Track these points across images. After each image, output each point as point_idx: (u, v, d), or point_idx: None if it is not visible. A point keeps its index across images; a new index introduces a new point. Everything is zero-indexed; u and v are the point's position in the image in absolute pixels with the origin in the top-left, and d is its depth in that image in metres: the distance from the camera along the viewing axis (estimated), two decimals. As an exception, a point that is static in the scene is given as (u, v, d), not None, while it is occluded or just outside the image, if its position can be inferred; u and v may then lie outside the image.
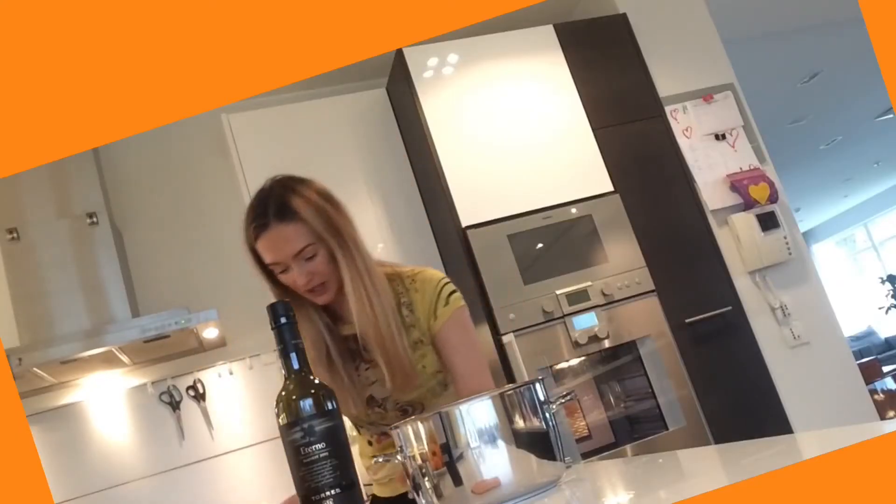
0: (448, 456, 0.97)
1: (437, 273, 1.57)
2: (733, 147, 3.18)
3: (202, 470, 3.00)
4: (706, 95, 3.22)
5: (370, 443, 1.61)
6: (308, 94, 3.35)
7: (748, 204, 3.06)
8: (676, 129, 3.13)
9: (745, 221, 3.03)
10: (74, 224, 2.87)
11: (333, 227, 1.47)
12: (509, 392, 1.01)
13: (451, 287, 1.54)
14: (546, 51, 3.10)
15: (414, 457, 1.01)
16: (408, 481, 1.05)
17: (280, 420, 0.99)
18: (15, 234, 2.80)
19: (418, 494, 1.03)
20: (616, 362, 2.91)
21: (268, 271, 1.50)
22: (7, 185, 2.85)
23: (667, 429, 2.75)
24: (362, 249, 1.51)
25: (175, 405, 3.03)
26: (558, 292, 2.76)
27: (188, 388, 3.06)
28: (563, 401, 1.09)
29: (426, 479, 0.99)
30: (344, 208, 1.54)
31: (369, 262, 1.50)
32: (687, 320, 2.84)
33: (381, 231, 3.12)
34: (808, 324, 3.03)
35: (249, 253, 1.53)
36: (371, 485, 1.67)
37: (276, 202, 1.46)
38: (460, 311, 1.52)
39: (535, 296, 2.75)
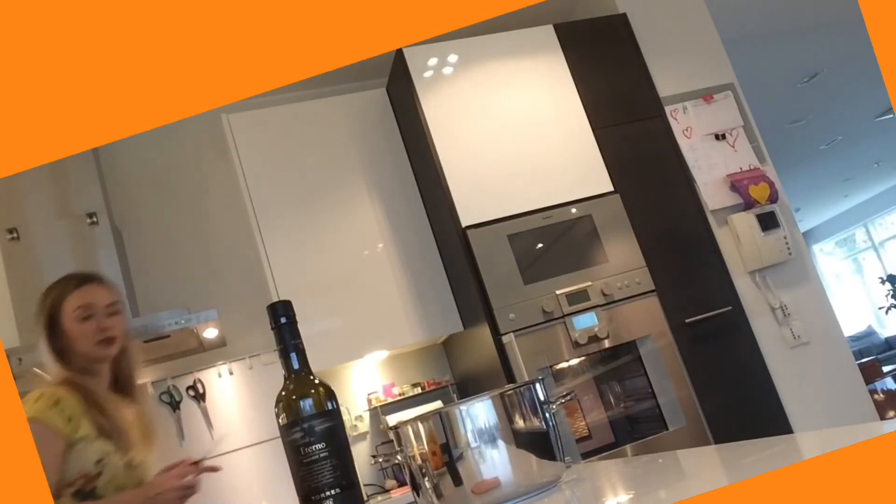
0: (448, 456, 0.97)
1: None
2: (733, 147, 3.18)
3: (202, 470, 2.99)
4: (706, 95, 3.22)
5: None
6: (308, 94, 3.35)
7: (748, 204, 3.06)
8: (676, 129, 3.13)
9: (745, 221, 3.03)
10: (74, 224, 2.87)
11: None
12: (509, 392, 1.01)
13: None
14: (546, 51, 3.10)
15: (414, 457, 1.01)
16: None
17: (280, 420, 0.98)
18: (15, 234, 2.80)
19: (418, 494, 1.02)
20: (616, 362, 2.91)
21: (53, 334, 1.79)
22: (7, 185, 2.85)
23: (667, 429, 2.75)
24: None
25: (175, 405, 3.03)
26: (558, 292, 2.76)
27: (188, 388, 3.06)
28: (563, 401, 1.09)
29: (426, 479, 0.99)
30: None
31: None
32: (687, 320, 2.84)
33: (381, 231, 3.12)
34: (808, 324, 3.03)
35: (46, 314, 1.81)
36: None
37: (97, 273, 1.94)
38: None
39: (535, 296, 2.75)
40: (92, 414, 1.67)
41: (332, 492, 0.94)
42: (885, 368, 6.99)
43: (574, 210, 2.90)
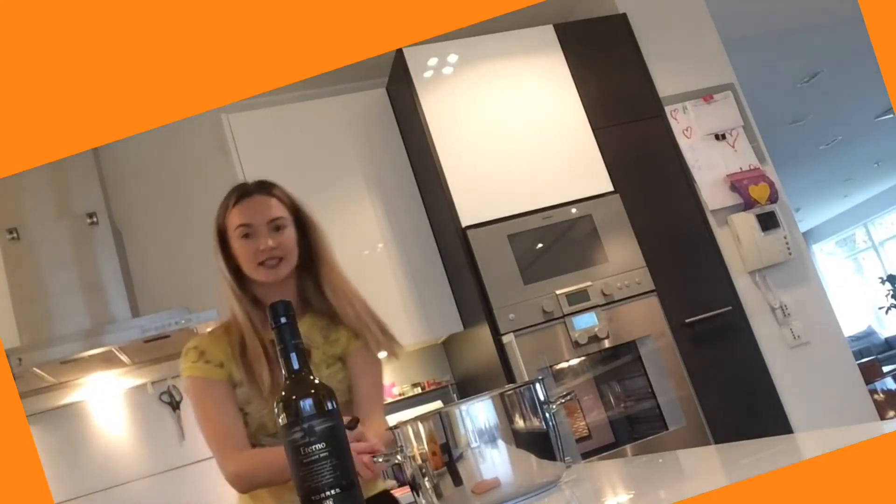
0: (448, 456, 0.97)
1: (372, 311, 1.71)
2: (733, 147, 3.18)
3: (202, 470, 2.99)
4: (706, 95, 3.22)
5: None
6: (308, 94, 3.35)
7: (748, 204, 3.06)
8: (676, 129, 3.13)
9: (745, 221, 3.03)
10: (74, 224, 2.87)
11: (306, 212, 1.65)
12: (509, 392, 1.01)
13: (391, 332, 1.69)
14: (546, 51, 3.10)
15: (414, 457, 1.01)
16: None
17: (280, 420, 0.98)
18: (15, 234, 2.80)
19: (418, 494, 1.03)
20: (616, 362, 2.91)
21: (225, 246, 1.59)
22: (7, 185, 2.85)
23: (667, 429, 2.75)
24: (329, 244, 1.66)
25: (175, 405, 3.03)
26: (558, 292, 2.76)
27: (188, 388, 3.06)
28: (563, 401, 1.09)
29: (426, 479, 0.99)
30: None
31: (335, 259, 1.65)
32: (687, 320, 2.84)
33: (382, 231, 3.12)
34: (808, 324, 3.03)
35: (215, 230, 1.61)
36: None
37: (259, 182, 1.63)
38: (363, 348, 1.64)
39: (535, 296, 2.75)
40: (241, 359, 1.53)
41: (332, 492, 0.94)
42: (885, 368, 6.99)
43: (574, 210, 2.90)
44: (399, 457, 1.04)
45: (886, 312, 10.62)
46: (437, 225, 3.12)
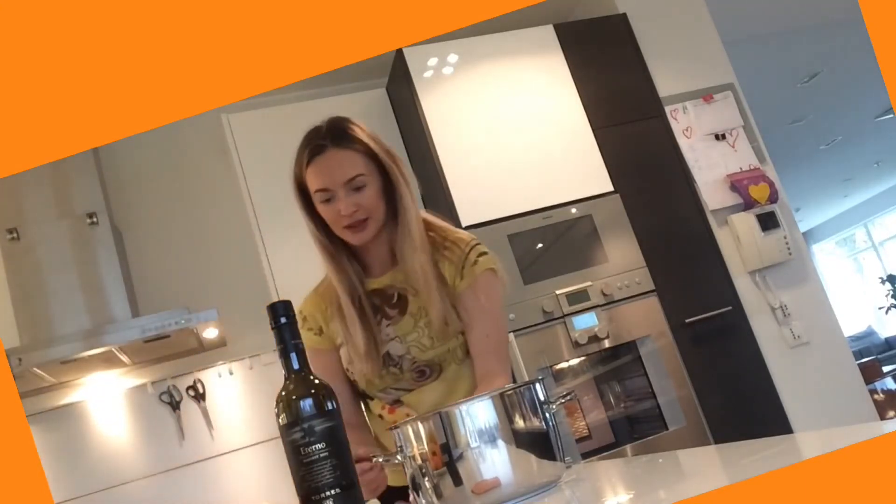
0: (448, 456, 0.97)
1: (467, 235, 1.52)
2: (733, 147, 3.18)
3: (202, 470, 3.00)
4: (706, 95, 3.22)
5: (381, 416, 1.52)
6: (308, 94, 3.35)
7: (748, 204, 3.06)
8: (676, 129, 3.13)
9: (745, 221, 3.03)
10: (74, 224, 2.87)
11: (389, 157, 1.45)
12: (509, 392, 1.00)
13: (481, 249, 1.49)
14: (546, 51, 3.10)
15: (414, 457, 1.01)
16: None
17: (280, 420, 0.98)
18: (15, 234, 2.80)
19: (418, 494, 1.03)
20: (616, 362, 2.91)
21: (310, 206, 1.47)
22: (7, 185, 2.85)
23: (667, 429, 2.75)
24: (413, 191, 1.48)
25: (175, 405, 3.03)
26: (558, 292, 2.76)
27: (188, 388, 3.06)
28: (563, 401, 1.09)
29: (426, 479, 0.99)
30: (396, 151, 1.51)
31: (417, 206, 1.48)
32: (687, 320, 2.84)
33: (381, 231, 3.12)
34: (808, 324, 3.03)
35: (294, 185, 1.49)
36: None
37: (335, 129, 1.45)
38: (486, 277, 1.46)
39: (535, 296, 2.75)
40: (339, 319, 1.49)
41: (332, 492, 0.94)
42: (885, 368, 6.99)
43: (574, 210, 2.90)
44: (399, 457, 1.04)
45: (886, 312, 10.62)
46: (437, 225, 3.11)
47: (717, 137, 3.17)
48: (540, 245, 2.86)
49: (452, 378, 1.48)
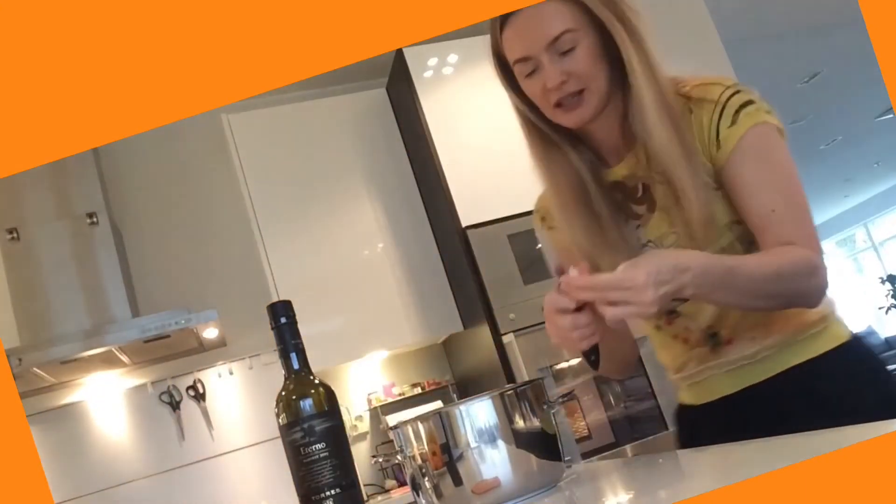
0: (448, 456, 0.97)
1: (721, 82, 1.13)
2: (733, 147, 3.18)
3: (202, 470, 3.00)
4: (706, 95, 3.22)
5: (659, 328, 1.27)
6: (308, 94, 3.35)
7: (748, 204, 3.05)
8: (676, 129, 3.13)
9: (745, 221, 3.02)
10: (74, 224, 2.87)
11: (610, 3, 1.10)
12: (509, 392, 1.01)
13: (743, 98, 1.09)
14: (546, 51, 3.09)
15: (414, 457, 1.01)
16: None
17: (280, 420, 0.99)
18: (15, 234, 2.80)
19: (418, 494, 1.03)
20: (616, 362, 2.91)
21: (514, 84, 1.18)
22: (7, 185, 2.85)
23: (667, 429, 2.74)
24: (650, 44, 1.14)
25: (175, 405, 3.03)
26: (558, 292, 2.76)
27: (188, 388, 3.06)
28: (563, 401, 1.09)
29: (426, 479, 0.99)
30: None
31: (658, 63, 1.14)
32: (687, 320, 2.84)
33: (381, 231, 3.12)
34: (808, 324, 3.02)
35: (494, 60, 1.21)
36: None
37: None
38: (757, 132, 1.08)
39: (535, 296, 2.75)
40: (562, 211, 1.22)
41: (332, 492, 0.94)
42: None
43: (574, 210, 2.90)
44: (399, 457, 1.04)
45: (886, 312, 10.62)
46: (437, 225, 3.11)
47: (717, 137, 3.17)
48: (540, 245, 2.86)
49: None
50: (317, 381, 1.01)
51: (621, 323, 0.94)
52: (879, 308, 10.81)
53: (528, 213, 1.28)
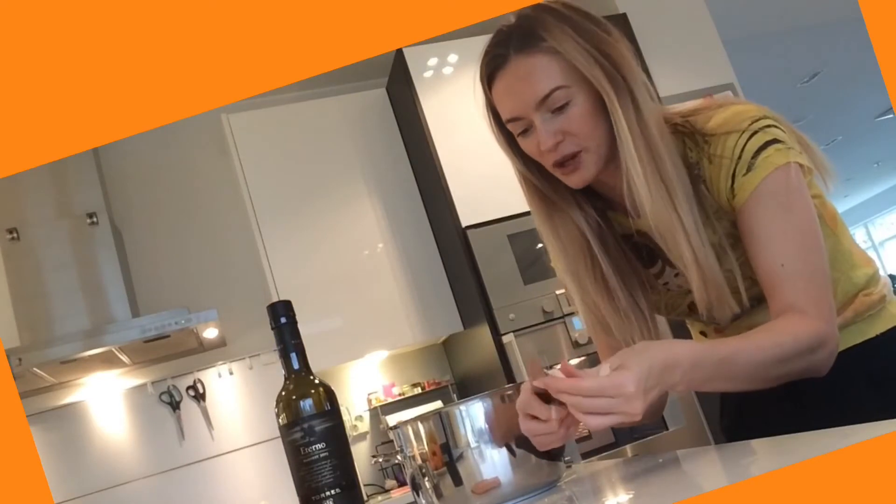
0: (448, 456, 0.97)
1: (737, 127, 0.99)
2: (733, 147, 3.18)
3: (202, 470, 3.00)
4: (706, 95, 3.22)
5: (705, 334, 1.23)
6: (308, 94, 3.35)
7: (748, 204, 3.06)
8: (676, 129, 3.13)
9: (745, 221, 3.02)
10: (74, 224, 2.87)
11: (603, 56, 0.98)
12: (509, 392, 1.00)
13: (762, 139, 0.97)
14: (546, 51, 3.09)
15: (414, 457, 1.01)
16: None
17: (280, 420, 0.99)
18: (15, 234, 2.80)
19: (418, 494, 1.03)
20: (616, 362, 2.91)
21: (512, 142, 1.13)
22: (7, 185, 2.86)
23: (667, 429, 2.75)
24: (645, 96, 1.01)
25: (175, 405, 3.03)
26: (558, 292, 2.76)
27: (188, 388, 3.06)
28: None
29: (426, 479, 0.99)
30: (619, 35, 1.02)
31: (655, 117, 1.01)
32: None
33: (381, 231, 3.12)
34: (808, 324, 3.03)
35: (488, 114, 1.15)
36: None
37: (522, 27, 1.01)
38: (774, 178, 0.96)
39: (535, 296, 2.75)
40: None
41: (332, 492, 0.94)
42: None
43: (574, 210, 2.90)
44: (399, 457, 1.04)
45: (886, 312, 10.61)
46: (437, 225, 3.12)
47: (717, 137, 3.17)
48: (540, 245, 2.86)
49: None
50: (317, 381, 1.01)
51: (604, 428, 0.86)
52: (879, 308, 10.80)
53: (528, 213, 1.26)
